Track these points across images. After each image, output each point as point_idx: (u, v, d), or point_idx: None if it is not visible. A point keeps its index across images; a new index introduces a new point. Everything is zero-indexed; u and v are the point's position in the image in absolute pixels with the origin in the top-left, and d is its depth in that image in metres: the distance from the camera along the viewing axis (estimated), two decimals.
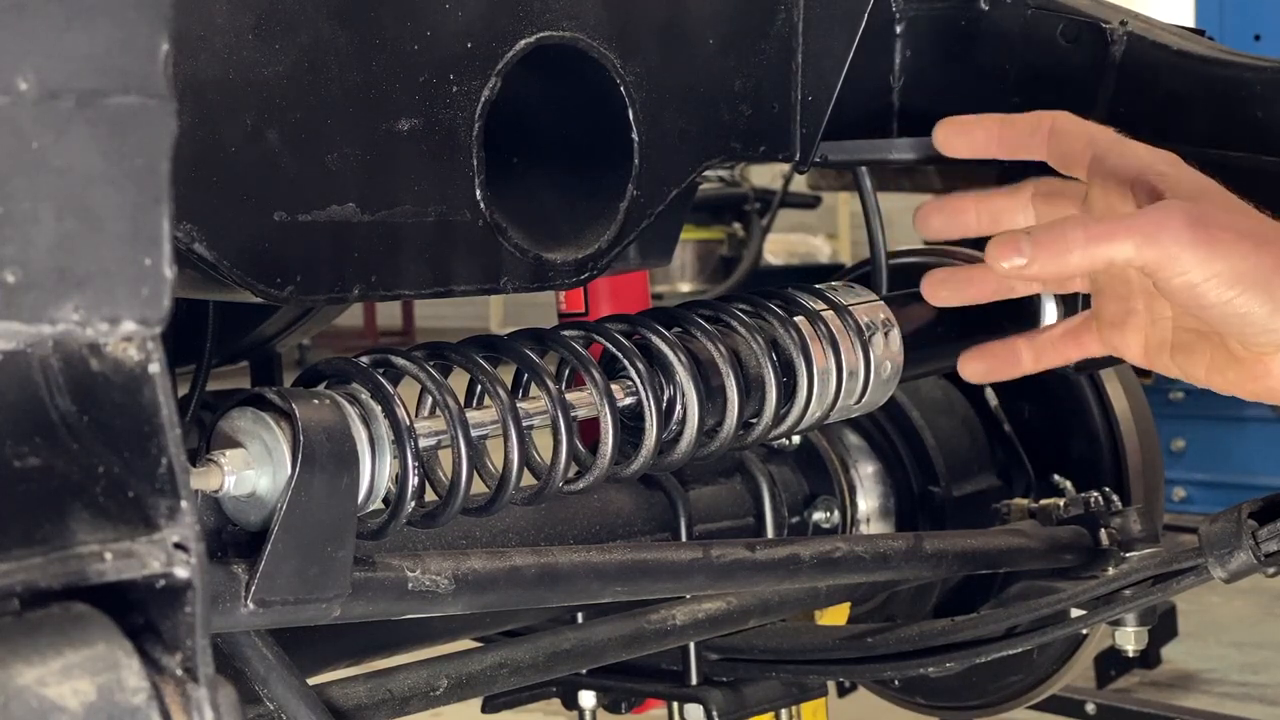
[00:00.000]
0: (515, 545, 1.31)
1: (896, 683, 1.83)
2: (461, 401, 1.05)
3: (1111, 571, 1.45)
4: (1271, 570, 1.21)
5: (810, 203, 6.53)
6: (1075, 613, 1.39)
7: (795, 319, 1.22)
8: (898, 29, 1.39)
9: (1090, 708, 2.98)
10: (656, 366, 1.14)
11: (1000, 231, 1.06)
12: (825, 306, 1.25)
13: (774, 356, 1.19)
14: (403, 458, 0.99)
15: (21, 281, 0.58)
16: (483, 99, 1.14)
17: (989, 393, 1.78)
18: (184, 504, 0.62)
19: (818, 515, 1.66)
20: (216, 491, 0.93)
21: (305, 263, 1.07)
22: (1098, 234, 0.98)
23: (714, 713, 1.48)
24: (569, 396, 1.09)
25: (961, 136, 1.17)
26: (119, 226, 0.60)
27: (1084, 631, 1.62)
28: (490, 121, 1.15)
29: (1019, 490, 1.76)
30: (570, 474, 1.11)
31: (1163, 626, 3.64)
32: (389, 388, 1.00)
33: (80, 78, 0.58)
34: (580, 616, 1.43)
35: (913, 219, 1.18)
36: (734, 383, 1.16)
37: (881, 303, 1.30)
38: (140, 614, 0.63)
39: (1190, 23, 4.31)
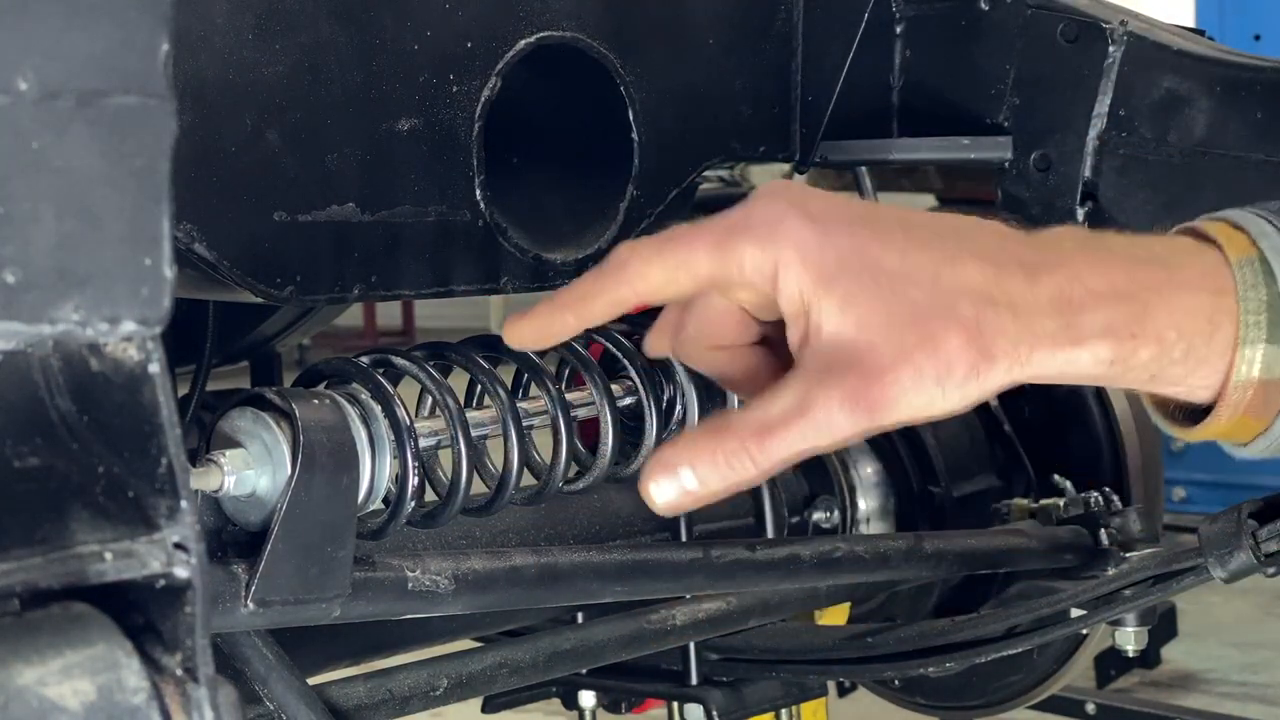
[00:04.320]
0: (515, 545, 1.30)
1: (896, 683, 1.82)
2: (461, 401, 1.05)
3: (1111, 571, 1.45)
4: (1271, 570, 1.21)
5: None
6: (1075, 613, 1.39)
7: None
8: (898, 29, 1.39)
9: (1090, 708, 2.98)
10: (656, 366, 1.14)
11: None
12: None
13: None
14: (403, 458, 0.99)
15: (21, 281, 0.58)
16: (483, 99, 1.14)
17: None
18: (184, 504, 0.62)
19: (818, 515, 1.66)
20: (216, 491, 0.93)
21: (305, 263, 1.07)
22: (766, 438, 0.78)
23: (714, 713, 1.48)
24: (569, 396, 1.09)
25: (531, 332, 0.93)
26: (119, 226, 0.60)
27: (1084, 631, 1.62)
28: (490, 121, 1.15)
29: (1019, 490, 1.76)
30: (570, 474, 1.11)
31: (1163, 626, 3.64)
32: (389, 388, 1.00)
33: (80, 78, 0.58)
34: (580, 616, 1.43)
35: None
36: None
37: None
38: (140, 614, 0.63)
39: (1190, 23, 4.30)
